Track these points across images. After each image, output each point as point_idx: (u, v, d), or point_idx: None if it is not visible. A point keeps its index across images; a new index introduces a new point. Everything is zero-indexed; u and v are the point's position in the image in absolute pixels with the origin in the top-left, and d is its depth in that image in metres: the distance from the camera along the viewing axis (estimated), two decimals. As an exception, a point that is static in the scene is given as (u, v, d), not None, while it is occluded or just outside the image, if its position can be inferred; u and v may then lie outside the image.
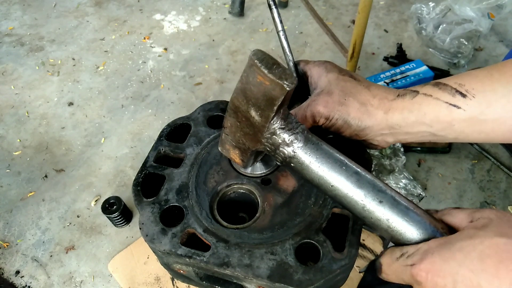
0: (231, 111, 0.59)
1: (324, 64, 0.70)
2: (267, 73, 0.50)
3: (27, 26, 2.00)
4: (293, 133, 0.57)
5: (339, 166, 0.57)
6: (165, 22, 2.01)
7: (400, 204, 0.55)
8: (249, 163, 0.67)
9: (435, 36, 1.71)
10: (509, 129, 0.58)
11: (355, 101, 0.64)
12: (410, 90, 0.63)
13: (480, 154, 1.35)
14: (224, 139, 0.65)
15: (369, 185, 0.56)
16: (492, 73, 0.58)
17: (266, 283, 0.66)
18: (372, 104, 0.64)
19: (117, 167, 1.38)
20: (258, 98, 0.54)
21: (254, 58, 0.51)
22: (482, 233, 0.46)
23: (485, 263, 0.43)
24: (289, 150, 0.58)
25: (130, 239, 1.19)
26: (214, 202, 0.76)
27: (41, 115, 1.58)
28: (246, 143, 0.61)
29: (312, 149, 0.58)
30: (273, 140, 0.58)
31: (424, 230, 0.53)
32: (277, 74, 0.50)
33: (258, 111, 0.55)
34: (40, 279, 1.12)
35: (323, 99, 0.65)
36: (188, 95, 1.63)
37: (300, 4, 2.01)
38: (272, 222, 0.71)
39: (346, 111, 0.64)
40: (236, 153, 0.65)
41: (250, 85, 0.53)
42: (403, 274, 0.50)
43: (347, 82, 0.66)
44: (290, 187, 0.75)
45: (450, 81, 0.60)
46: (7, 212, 1.28)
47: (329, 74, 0.67)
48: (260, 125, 0.57)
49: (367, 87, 0.66)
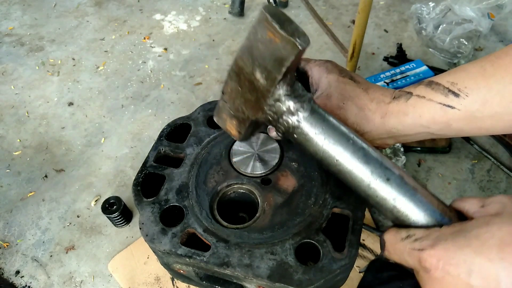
0: (234, 73, 0.53)
1: (325, 64, 0.69)
2: (278, 28, 0.45)
3: (27, 26, 2.00)
4: (299, 101, 0.53)
5: (345, 140, 0.53)
6: (165, 22, 2.01)
7: (407, 184, 0.52)
8: (247, 136, 0.62)
9: (435, 36, 1.71)
10: (509, 124, 0.56)
11: (353, 105, 0.63)
12: (405, 91, 0.62)
13: (480, 154, 1.35)
14: (222, 107, 0.59)
15: (377, 162, 0.53)
16: (485, 67, 0.56)
17: (266, 283, 0.66)
18: (370, 108, 0.63)
19: (117, 167, 1.38)
20: (265, 58, 0.48)
21: (266, 12, 0.46)
22: (499, 219, 0.43)
23: (504, 251, 0.40)
24: (294, 119, 0.53)
25: (130, 239, 1.19)
26: (214, 202, 0.76)
27: (41, 115, 1.58)
28: (246, 112, 0.56)
29: (318, 120, 0.54)
30: (276, 108, 0.53)
31: (431, 212, 0.50)
32: (290, 31, 0.46)
33: (264, 73, 0.50)
34: (40, 279, 1.12)
35: (322, 102, 0.64)
36: (188, 95, 1.63)
37: (300, 4, 2.01)
38: (272, 222, 0.71)
39: (344, 115, 0.63)
40: (233, 123, 0.59)
41: (258, 42, 0.48)
42: (409, 257, 0.48)
43: (346, 85, 0.65)
44: (290, 187, 0.75)
45: (443, 79, 0.59)
46: (7, 212, 1.28)
47: (329, 76, 0.66)
48: (264, 89, 0.51)
49: (365, 90, 0.65)
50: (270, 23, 0.45)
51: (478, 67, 0.56)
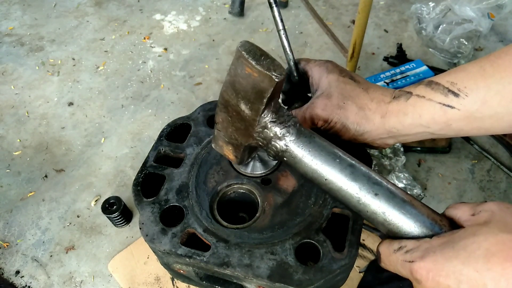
0: (221, 105, 0.57)
1: (325, 64, 0.69)
2: (254, 64, 0.49)
3: (27, 26, 2.00)
4: (284, 126, 0.56)
5: (332, 159, 0.56)
6: (165, 22, 2.01)
7: (396, 196, 0.53)
8: (243, 159, 0.66)
9: (435, 36, 1.71)
10: (508, 124, 0.57)
11: (353, 105, 0.64)
12: (405, 91, 0.62)
13: (480, 154, 1.35)
14: (217, 136, 0.63)
15: (364, 178, 0.55)
16: (485, 67, 0.56)
17: (266, 283, 0.66)
18: (370, 108, 0.63)
19: (117, 167, 1.38)
20: (247, 91, 0.52)
21: (242, 50, 0.49)
22: (486, 229, 0.44)
23: (490, 262, 0.42)
24: (281, 143, 0.56)
25: (130, 239, 1.19)
26: (214, 202, 0.76)
27: (41, 115, 1.58)
28: (239, 138, 0.60)
29: (305, 142, 0.56)
30: (264, 134, 0.56)
31: (421, 223, 0.51)
32: (265, 66, 0.49)
33: (248, 104, 0.54)
34: (40, 279, 1.13)
35: (322, 102, 0.65)
36: (188, 95, 1.63)
37: (300, 4, 2.01)
38: (272, 222, 0.71)
39: (344, 115, 0.64)
40: (230, 149, 0.63)
41: (238, 77, 0.52)
42: (402, 268, 0.50)
43: (346, 84, 0.65)
44: (290, 187, 0.75)
45: (443, 79, 0.59)
46: (7, 212, 1.28)
47: (329, 75, 0.67)
48: (250, 119, 0.55)
49: (365, 89, 0.65)
50: (247, 60, 0.49)
51: (478, 67, 0.56)
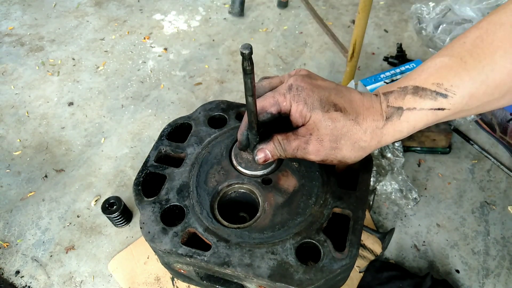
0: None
1: (298, 94, 0.62)
2: None
3: (27, 26, 2.00)
4: None
5: None
6: (165, 22, 2.01)
7: None
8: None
9: (435, 36, 1.71)
10: (492, 107, 0.59)
11: (347, 142, 0.62)
12: (394, 107, 0.60)
13: (480, 154, 1.35)
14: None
15: None
16: (466, 60, 0.55)
17: (266, 283, 0.66)
18: (365, 140, 0.62)
19: (117, 167, 1.38)
20: None
21: None
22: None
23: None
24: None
25: (130, 239, 1.19)
26: (214, 202, 0.76)
27: (41, 115, 1.57)
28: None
29: None
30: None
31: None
32: None
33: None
34: (40, 279, 1.12)
35: (314, 147, 0.62)
36: (188, 95, 1.63)
37: (300, 4, 2.01)
38: (272, 222, 0.71)
39: (340, 153, 0.63)
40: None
41: None
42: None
43: (334, 122, 0.61)
44: (290, 186, 0.75)
45: (427, 82, 0.58)
46: (7, 212, 1.28)
47: (313, 115, 0.61)
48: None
49: (355, 120, 0.61)
50: None
51: (458, 61, 0.56)
